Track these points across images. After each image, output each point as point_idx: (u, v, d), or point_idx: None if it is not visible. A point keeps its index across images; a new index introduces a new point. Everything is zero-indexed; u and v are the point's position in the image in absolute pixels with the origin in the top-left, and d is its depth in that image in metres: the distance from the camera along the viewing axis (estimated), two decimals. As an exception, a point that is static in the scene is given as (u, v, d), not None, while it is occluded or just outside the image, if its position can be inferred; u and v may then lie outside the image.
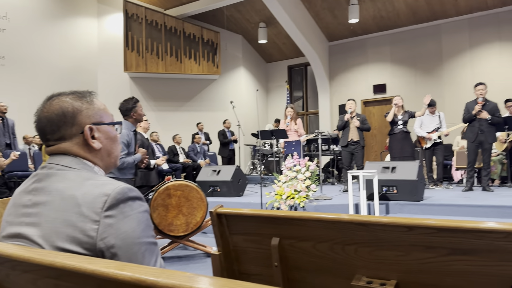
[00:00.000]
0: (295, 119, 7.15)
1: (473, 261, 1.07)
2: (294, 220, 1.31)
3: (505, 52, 8.94)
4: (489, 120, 5.67)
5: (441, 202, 4.54)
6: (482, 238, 1.03)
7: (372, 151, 10.70)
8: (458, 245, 1.06)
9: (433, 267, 1.12)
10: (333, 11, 10.06)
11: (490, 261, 1.06)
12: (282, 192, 4.79)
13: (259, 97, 12.24)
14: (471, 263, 1.07)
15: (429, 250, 1.10)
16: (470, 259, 1.07)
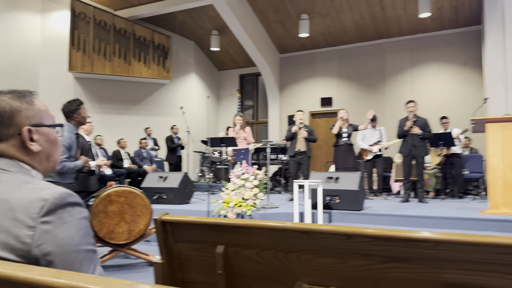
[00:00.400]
0: (244, 127, 7.20)
1: (406, 269, 1.13)
2: (240, 228, 1.32)
3: (442, 72, 9.62)
4: (420, 135, 6.07)
5: (380, 212, 4.76)
6: (414, 247, 1.10)
7: (318, 161, 11.01)
8: (393, 253, 1.12)
9: (369, 274, 1.17)
10: (284, 24, 10.30)
11: (421, 268, 1.12)
12: (229, 200, 4.79)
13: (210, 104, 12.20)
14: (404, 270, 1.13)
15: (366, 258, 1.16)
16: (404, 266, 1.13)
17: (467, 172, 7.42)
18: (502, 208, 4.49)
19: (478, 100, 8.50)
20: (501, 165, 4.55)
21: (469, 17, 9.07)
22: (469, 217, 4.23)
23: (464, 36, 9.40)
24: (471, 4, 8.69)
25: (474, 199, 6.63)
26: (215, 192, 7.84)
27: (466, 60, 9.36)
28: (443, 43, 9.62)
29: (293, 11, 9.79)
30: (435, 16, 9.14)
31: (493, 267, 1.04)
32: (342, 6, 9.35)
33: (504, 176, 4.52)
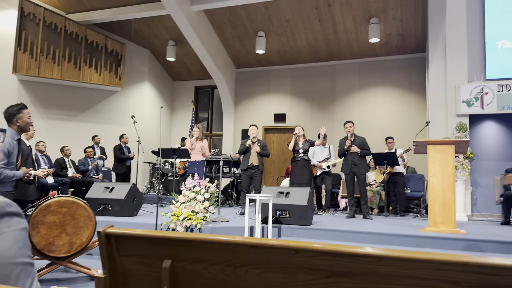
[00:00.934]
0: (201, 139, 7.14)
1: (349, 283, 1.16)
2: (188, 241, 1.30)
3: (388, 95, 10.13)
4: (359, 153, 6.36)
5: (327, 227, 4.87)
6: (358, 262, 1.13)
7: (269, 176, 11.11)
8: (337, 267, 1.15)
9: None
10: (241, 40, 10.43)
11: (364, 283, 1.15)
12: (179, 213, 4.69)
13: (163, 115, 11.99)
14: (348, 285, 1.16)
15: (313, 272, 1.17)
16: (347, 281, 1.16)
17: (409, 191, 7.80)
18: (440, 226, 4.75)
19: (420, 123, 9.01)
20: (440, 185, 4.83)
21: (414, 45, 9.67)
22: (410, 234, 4.43)
23: (409, 62, 9.98)
24: (417, 33, 9.28)
25: (415, 217, 6.97)
26: (164, 204, 7.65)
27: (410, 85, 9.93)
28: (390, 68, 10.16)
29: (250, 28, 9.94)
30: (383, 42, 9.65)
31: (432, 282, 1.09)
32: (297, 27, 9.63)
33: (443, 196, 4.80)
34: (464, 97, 7.42)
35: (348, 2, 8.70)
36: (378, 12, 8.86)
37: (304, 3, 8.91)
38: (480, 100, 7.34)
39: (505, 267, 1.03)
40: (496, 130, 7.62)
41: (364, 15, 9.00)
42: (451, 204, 4.75)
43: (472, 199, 7.42)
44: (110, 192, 5.89)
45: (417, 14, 8.76)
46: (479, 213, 7.38)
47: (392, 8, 8.69)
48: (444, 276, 1.07)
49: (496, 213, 7.26)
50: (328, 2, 8.77)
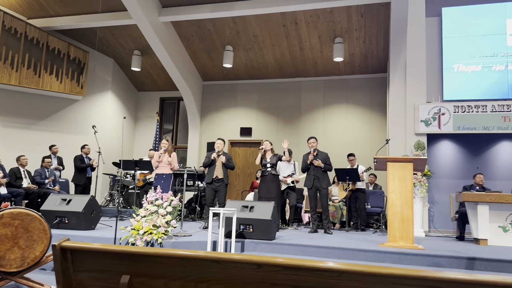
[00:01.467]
0: (170, 152, 7.02)
1: (311, 298, 1.17)
2: (148, 256, 1.26)
3: (350, 113, 10.42)
4: (322, 168, 6.50)
5: (290, 242, 4.89)
6: (320, 276, 1.14)
7: (234, 190, 11.07)
8: (300, 282, 1.15)
9: (277, 304, 1.18)
10: (209, 53, 10.45)
11: (325, 297, 1.16)
12: (139, 227, 4.56)
13: (126, 125, 11.73)
14: (310, 299, 1.17)
15: (275, 287, 1.17)
16: (309, 295, 1.16)
17: (369, 207, 7.99)
18: (399, 241, 4.89)
19: (381, 141, 9.31)
20: (399, 202, 4.98)
21: (376, 65, 10.04)
22: (370, 249, 4.52)
23: (371, 82, 10.35)
24: (379, 54, 9.65)
25: (375, 232, 7.13)
26: (124, 218, 7.43)
27: (372, 103, 10.27)
28: (353, 87, 10.48)
29: (218, 41, 9.99)
30: (347, 62, 9.96)
31: (389, 296, 1.11)
32: (265, 43, 9.78)
33: (401, 212, 4.95)
34: (423, 116, 7.75)
35: (314, 22, 8.94)
36: (342, 33, 9.16)
37: (272, 21, 9.08)
38: (438, 120, 7.69)
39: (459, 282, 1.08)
40: (452, 149, 8.00)
41: (329, 35, 9.28)
42: (409, 220, 4.90)
43: (429, 215, 7.70)
44: (67, 204, 5.65)
45: (380, 36, 9.13)
46: (436, 229, 7.66)
47: (356, 29, 9.02)
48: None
49: (451, 229, 7.57)
50: (295, 21, 8.98)
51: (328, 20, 8.87)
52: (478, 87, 7.72)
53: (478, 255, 4.32)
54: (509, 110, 7.39)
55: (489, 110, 7.48)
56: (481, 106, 7.52)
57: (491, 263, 4.18)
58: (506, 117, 7.38)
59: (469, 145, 7.89)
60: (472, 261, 4.23)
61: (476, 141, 7.84)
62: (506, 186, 7.28)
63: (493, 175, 7.71)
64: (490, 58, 7.73)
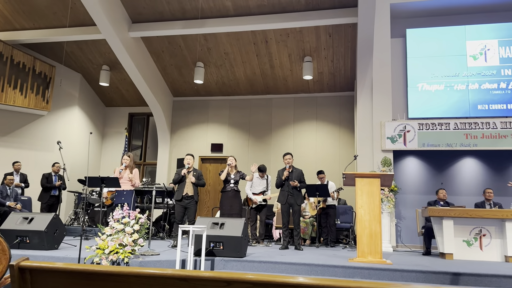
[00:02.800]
0: (131, 168, 6.88)
1: (281, 314, 1.15)
2: (113, 276, 1.22)
3: (320, 130, 10.59)
4: (298, 187, 6.52)
5: (260, 259, 4.85)
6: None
7: (204, 206, 10.93)
8: (270, 299, 1.14)
9: (246, 322, 1.16)
10: (180, 69, 10.43)
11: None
12: (105, 246, 4.41)
13: (93, 141, 11.44)
14: (280, 316, 1.15)
15: (244, 305, 1.15)
16: (279, 312, 1.15)
17: (339, 222, 8.08)
18: (368, 257, 4.95)
19: (349, 157, 9.50)
20: (367, 217, 5.06)
21: (344, 84, 10.31)
22: (339, 265, 4.55)
23: (340, 100, 10.59)
24: (346, 73, 9.92)
25: (344, 247, 7.19)
26: (90, 237, 7.18)
27: (340, 120, 10.49)
28: (322, 104, 10.70)
29: (189, 58, 10.00)
30: (316, 80, 10.18)
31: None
32: (236, 60, 9.87)
33: (370, 227, 5.02)
34: (389, 133, 7.98)
35: (284, 40, 9.12)
36: (311, 51, 9.38)
37: (243, 38, 9.19)
38: (403, 137, 7.93)
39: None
40: (418, 165, 8.25)
41: (299, 53, 9.47)
42: (377, 235, 4.98)
43: (397, 231, 7.86)
44: (29, 223, 5.41)
45: (347, 56, 9.41)
46: (403, 244, 7.81)
47: (324, 49, 9.25)
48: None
49: (418, 244, 7.74)
50: (265, 39, 9.13)
51: (298, 39, 9.07)
52: (441, 105, 8.05)
53: (445, 269, 4.43)
54: (470, 127, 7.73)
55: (452, 128, 7.79)
56: (444, 124, 7.83)
57: (457, 277, 4.28)
58: (468, 134, 7.71)
59: (434, 161, 8.17)
60: (439, 275, 4.32)
61: (440, 158, 8.13)
62: (469, 201, 7.55)
63: (457, 191, 7.99)
64: (452, 78, 8.10)
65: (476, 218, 6.12)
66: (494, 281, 4.20)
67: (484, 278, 4.23)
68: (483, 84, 7.95)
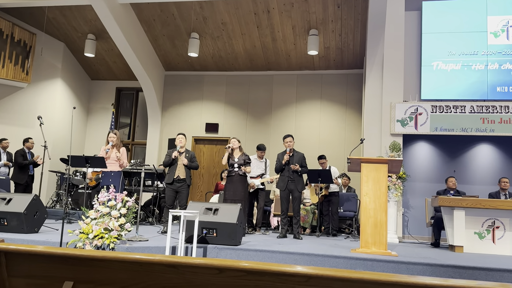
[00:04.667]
0: (118, 147, 6.87)
1: (276, 306, 1.16)
2: (95, 261, 1.22)
3: (324, 110, 10.56)
4: (299, 172, 6.53)
5: (256, 247, 4.89)
6: (286, 282, 1.14)
7: (198, 191, 10.98)
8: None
9: (239, 312, 1.17)
10: (173, 40, 10.31)
11: (291, 305, 1.16)
12: (89, 230, 4.44)
13: (77, 117, 11.39)
14: (275, 307, 1.16)
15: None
16: (274, 303, 1.16)
17: (342, 211, 8.14)
18: (371, 247, 4.99)
19: (355, 140, 9.50)
20: (372, 205, 5.09)
21: (352, 61, 10.23)
22: (341, 255, 4.60)
23: (347, 78, 10.53)
24: (355, 49, 9.83)
25: (347, 237, 7.26)
26: (73, 221, 7.22)
27: (347, 101, 10.45)
28: (328, 82, 10.63)
29: (183, 27, 9.87)
30: (322, 55, 10.09)
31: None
32: (234, 32, 9.75)
33: (375, 216, 5.06)
34: (399, 116, 7.96)
35: (287, 11, 9.00)
36: (318, 24, 9.27)
37: (242, 7, 9.06)
38: (414, 120, 7.92)
39: (431, 287, 1.10)
40: (429, 151, 8.26)
41: (303, 26, 9.36)
42: (382, 225, 5.02)
43: (404, 221, 7.92)
44: (7, 204, 5.43)
45: (356, 29, 9.31)
46: (410, 235, 7.89)
47: (332, 21, 9.14)
48: (373, 297, 1.11)
49: (426, 235, 7.82)
50: (267, 9, 9.00)
51: (303, 10, 8.94)
52: (457, 86, 8.00)
53: (454, 263, 4.48)
54: (487, 111, 7.71)
55: (468, 111, 7.77)
56: (460, 107, 7.81)
57: (467, 271, 4.34)
58: (484, 118, 7.70)
59: (447, 147, 8.18)
60: (447, 269, 4.38)
61: (454, 143, 8.13)
62: (483, 190, 7.59)
63: (470, 179, 8.03)
64: (470, 57, 8.04)
65: (490, 209, 6.16)
66: (506, 276, 4.26)
67: (495, 273, 4.28)
68: (504, 64, 7.90)
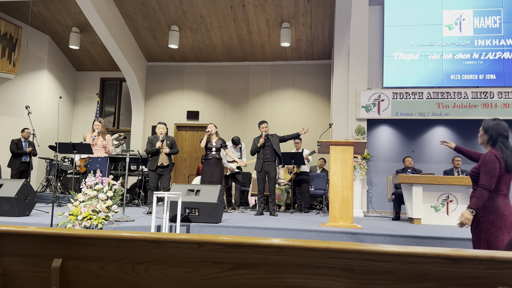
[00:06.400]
0: (103, 134, 6.73)
1: (252, 275, 1.18)
2: (82, 239, 1.20)
3: (297, 98, 10.59)
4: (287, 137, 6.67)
5: (235, 224, 4.92)
6: (260, 253, 1.15)
7: (181, 174, 10.91)
8: (240, 259, 1.16)
9: (218, 282, 1.18)
10: (154, 32, 10.09)
11: (265, 274, 1.18)
12: (78, 212, 4.37)
13: (63, 107, 11.09)
14: (250, 276, 1.18)
15: (215, 266, 1.17)
16: (250, 272, 1.17)
17: (313, 189, 8.25)
18: (339, 221, 5.10)
19: (325, 125, 9.59)
20: (340, 183, 5.17)
21: (321, 52, 10.25)
22: (312, 229, 4.68)
23: (317, 68, 10.56)
24: (324, 41, 9.85)
25: (317, 213, 7.38)
26: (62, 204, 7.09)
27: (317, 89, 10.50)
28: (299, 72, 10.65)
29: (164, 21, 9.67)
30: (294, 47, 10.07)
31: (328, 271, 1.15)
32: (212, 25, 9.61)
33: (342, 193, 5.15)
34: (364, 102, 8.06)
35: (261, 5, 8.91)
36: (289, 18, 9.22)
37: (219, 1, 8.92)
38: (377, 106, 8.04)
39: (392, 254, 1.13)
40: (390, 134, 8.42)
41: (276, 19, 9.30)
42: (349, 201, 5.12)
43: (368, 197, 8.10)
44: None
45: (325, 23, 9.31)
46: (374, 210, 8.08)
47: (302, 15, 9.11)
48: (339, 264, 1.14)
49: (388, 210, 8.02)
50: (242, 3, 8.89)
51: (276, 4, 8.87)
52: (415, 75, 8.14)
53: (412, 233, 4.62)
54: (443, 97, 7.89)
55: (425, 97, 7.94)
56: (418, 93, 7.96)
57: (424, 240, 4.49)
58: (440, 103, 7.88)
59: (406, 130, 8.35)
60: (407, 239, 4.52)
61: (413, 126, 8.31)
62: (438, 168, 7.82)
63: (427, 158, 8.25)
64: (427, 48, 8.17)
65: (444, 185, 6.36)
66: (458, 243, 4.43)
67: (449, 241, 4.45)
68: (457, 54, 8.07)
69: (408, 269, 1.11)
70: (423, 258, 1.10)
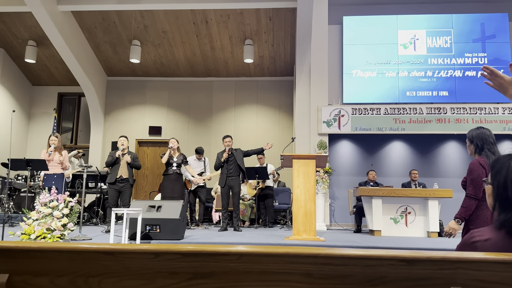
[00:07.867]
0: (60, 150, 6.47)
1: (211, 284, 1.15)
2: (30, 251, 1.14)
3: (260, 113, 10.69)
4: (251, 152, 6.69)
5: (199, 240, 4.84)
6: (219, 261, 1.13)
7: (142, 191, 10.64)
8: (199, 269, 1.13)
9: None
10: (114, 46, 9.92)
11: (225, 282, 1.15)
12: (31, 231, 4.14)
13: (18, 122, 10.61)
14: (210, 285, 1.15)
15: (173, 276, 1.14)
16: (209, 282, 1.15)
17: (277, 204, 8.27)
18: (302, 234, 5.12)
19: (288, 140, 9.70)
20: (303, 196, 5.22)
21: (284, 68, 10.44)
22: (276, 243, 4.68)
23: (280, 84, 10.73)
24: (286, 58, 10.05)
25: (282, 227, 7.39)
26: (15, 224, 6.71)
27: (280, 105, 10.65)
28: (263, 88, 10.78)
29: (125, 35, 9.54)
30: (257, 64, 10.21)
31: (287, 276, 1.15)
32: (175, 40, 9.58)
33: (305, 206, 5.20)
34: (325, 118, 8.25)
35: (224, 22, 9.00)
36: (252, 35, 9.36)
37: (182, 17, 8.93)
38: (338, 121, 8.25)
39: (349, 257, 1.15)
40: (351, 148, 8.64)
41: (239, 36, 9.41)
42: (312, 214, 5.17)
43: (331, 210, 8.22)
44: None
45: (287, 40, 9.52)
46: (336, 223, 8.20)
47: (265, 32, 9.28)
48: (298, 269, 1.14)
49: (350, 223, 8.16)
50: (205, 19, 8.95)
51: (239, 21, 8.99)
52: (373, 91, 8.45)
53: (372, 245, 4.72)
54: (399, 113, 8.22)
55: (383, 113, 8.23)
56: (376, 109, 8.25)
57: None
58: (396, 119, 8.19)
59: (365, 145, 8.61)
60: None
61: (371, 141, 8.57)
62: (397, 181, 8.07)
63: (386, 172, 8.50)
64: (384, 65, 8.52)
65: (403, 197, 6.56)
66: (415, 253, 4.55)
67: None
68: (412, 72, 8.46)
69: (366, 272, 1.13)
70: (380, 261, 1.12)
